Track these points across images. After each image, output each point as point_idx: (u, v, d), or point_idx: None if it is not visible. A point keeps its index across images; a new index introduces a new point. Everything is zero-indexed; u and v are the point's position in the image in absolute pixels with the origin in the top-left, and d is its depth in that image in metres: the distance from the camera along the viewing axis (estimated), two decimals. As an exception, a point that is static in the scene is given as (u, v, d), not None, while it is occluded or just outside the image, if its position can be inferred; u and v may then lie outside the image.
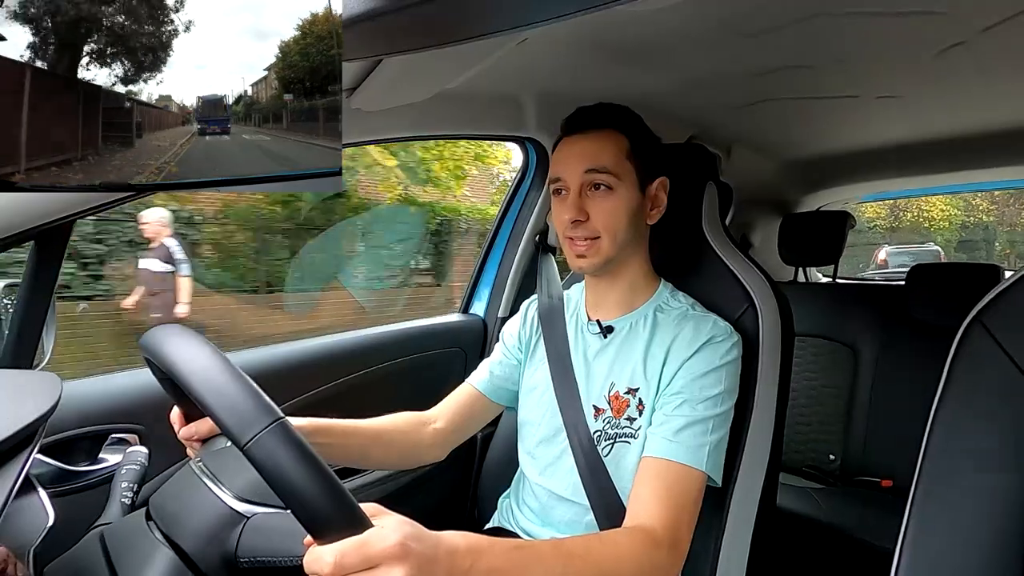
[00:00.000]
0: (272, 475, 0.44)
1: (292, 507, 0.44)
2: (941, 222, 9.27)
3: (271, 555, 0.55)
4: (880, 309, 1.75)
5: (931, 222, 9.30)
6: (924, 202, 9.16)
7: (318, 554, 0.44)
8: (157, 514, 0.60)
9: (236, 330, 4.57)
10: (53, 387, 0.57)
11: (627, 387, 0.84)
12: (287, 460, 0.44)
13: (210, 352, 0.52)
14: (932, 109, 1.41)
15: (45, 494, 0.63)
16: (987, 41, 0.94)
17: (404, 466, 1.00)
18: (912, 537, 0.62)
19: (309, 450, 0.45)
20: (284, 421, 0.46)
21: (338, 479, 0.45)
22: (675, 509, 0.72)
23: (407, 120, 1.06)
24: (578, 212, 0.81)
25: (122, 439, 0.90)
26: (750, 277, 0.92)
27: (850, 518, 1.47)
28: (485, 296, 1.45)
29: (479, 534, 0.58)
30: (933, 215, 9.10)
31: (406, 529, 0.48)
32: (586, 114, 0.85)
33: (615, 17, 0.84)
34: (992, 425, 0.61)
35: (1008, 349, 0.61)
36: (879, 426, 1.67)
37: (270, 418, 0.45)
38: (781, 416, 0.88)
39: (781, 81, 1.17)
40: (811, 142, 1.76)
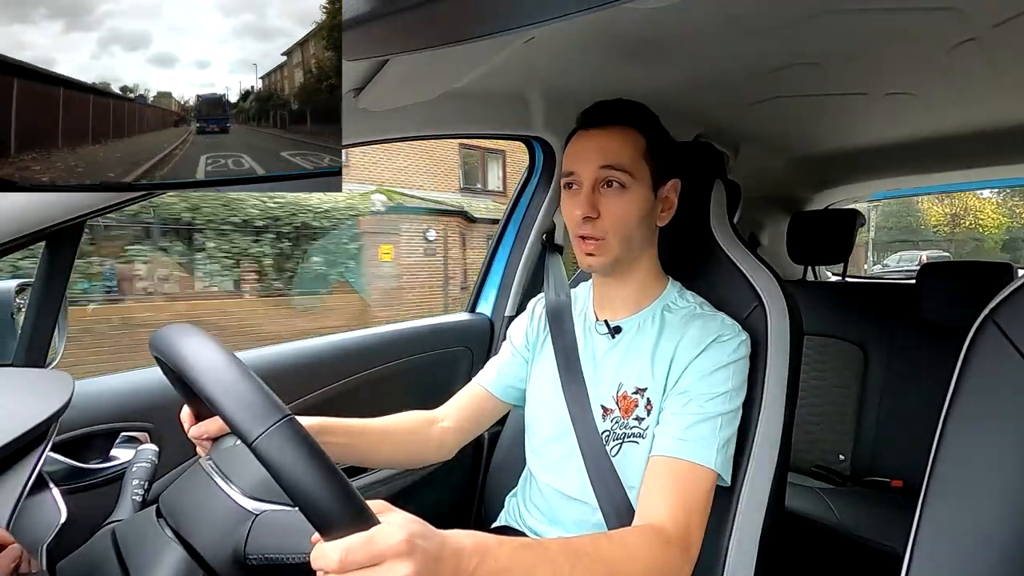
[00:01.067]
0: (279, 472, 0.44)
1: (299, 503, 0.44)
2: (993, 228, 11.44)
3: (280, 552, 0.56)
4: (890, 308, 1.73)
5: (983, 228, 11.49)
6: (979, 211, 11.47)
7: (324, 550, 0.44)
8: (168, 511, 0.61)
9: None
10: (65, 386, 0.57)
11: (635, 387, 0.83)
12: (294, 457, 0.44)
13: (219, 350, 0.52)
14: (943, 106, 1.39)
15: (57, 491, 0.63)
16: (999, 36, 0.93)
17: (411, 465, 1.00)
18: (923, 538, 0.61)
19: (316, 447, 0.45)
20: (292, 418, 0.46)
21: (345, 476, 0.45)
22: (686, 508, 0.71)
23: (414, 119, 1.06)
24: (590, 208, 0.81)
25: (133, 437, 0.91)
26: (759, 276, 0.91)
27: (860, 519, 1.46)
28: (492, 295, 1.45)
29: (486, 533, 0.58)
30: (985, 223, 11.36)
31: (412, 527, 0.48)
32: (605, 108, 0.84)
33: (622, 15, 0.83)
34: (1005, 425, 0.60)
35: (1021, 348, 0.60)
36: (889, 426, 1.66)
37: (278, 415, 0.46)
38: (790, 416, 0.87)
39: (789, 78, 1.16)
40: (820, 140, 1.75)
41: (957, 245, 10.75)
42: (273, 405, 0.47)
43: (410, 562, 0.46)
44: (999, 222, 11.65)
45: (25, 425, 0.51)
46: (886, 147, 1.77)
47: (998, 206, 11.52)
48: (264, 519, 0.58)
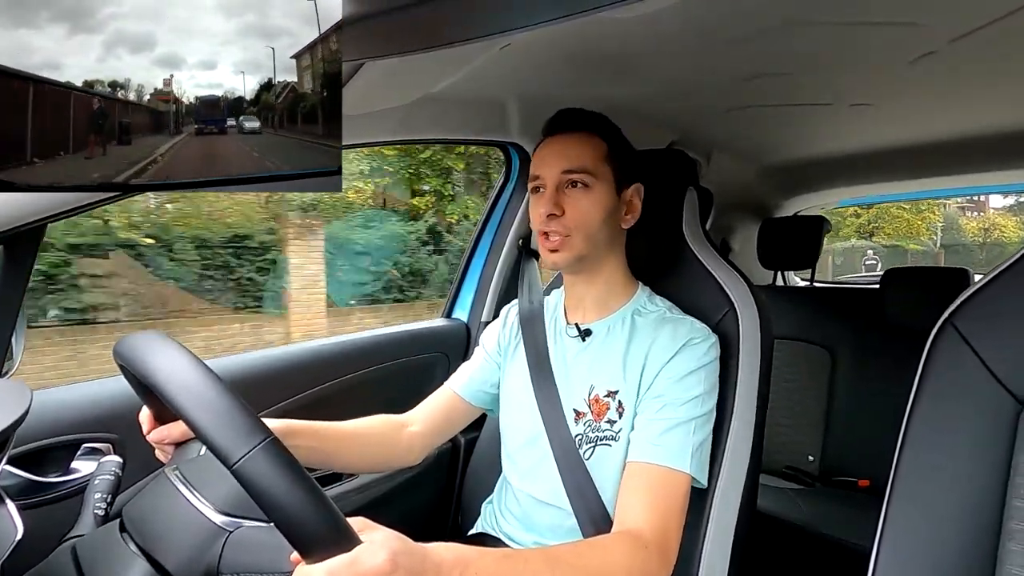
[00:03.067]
0: (261, 494, 0.43)
1: (280, 526, 0.44)
2: (1014, 238, 15.18)
3: (255, 570, 0.54)
4: (856, 312, 1.79)
5: (1006, 238, 15.28)
6: (1003, 227, 15.40)
7: (307, 572, 0.44)
8: (132, 525, 0.59)
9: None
10: (22, 396, 0.55)
11: (607, 390, 0.84)
12: (277, 479, 0.44)
13: (192, 363, 0.50)
14: (904, 117, 1.44)
15: (14, 506, 0.60)
16: (957, 51, 0.97)
17: (379, 469, 0.99)
18: (889, 535, 0.63)
19: (299, 468, 0.45)
20: (274, 439, 0.46)
21: (327, 496, 0.45)
22: (663, 513, 0.72)
23: (390, 124, 1.05)
24: (553, 206, 0.82)
25: (95, 448, 0.88)
26: (730, 281, 0.93)
27: (829, 518, 1.50)
28: (468, 301, 1.44)
29: (467, 544, 0.58)
30: (1008, 236, 15.17)
31: (394, 544, 0.49)
32: (567, 116, 0.88)
33: (596, 25, 0.84)
34: (965, 424, 0.62)
35: (978, 350, 0.62)
36: (857, 427, 1.71)
37: (260, 436, 0.45)
38: (761, 418, 0.89)
39: (759, 88, 1.19)
40: (788, 148, 1.80)
41: (987, 249, 14.72)
42: (254, 425, 0.46)
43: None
44: (1019, 234, 15.69)
45: (-21, 438, 0.49)
46: (851, 156, 1.83)
47: (1018, 222, 15.70)
48: (238, 536, 0.56)
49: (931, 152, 1.69)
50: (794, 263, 2.03)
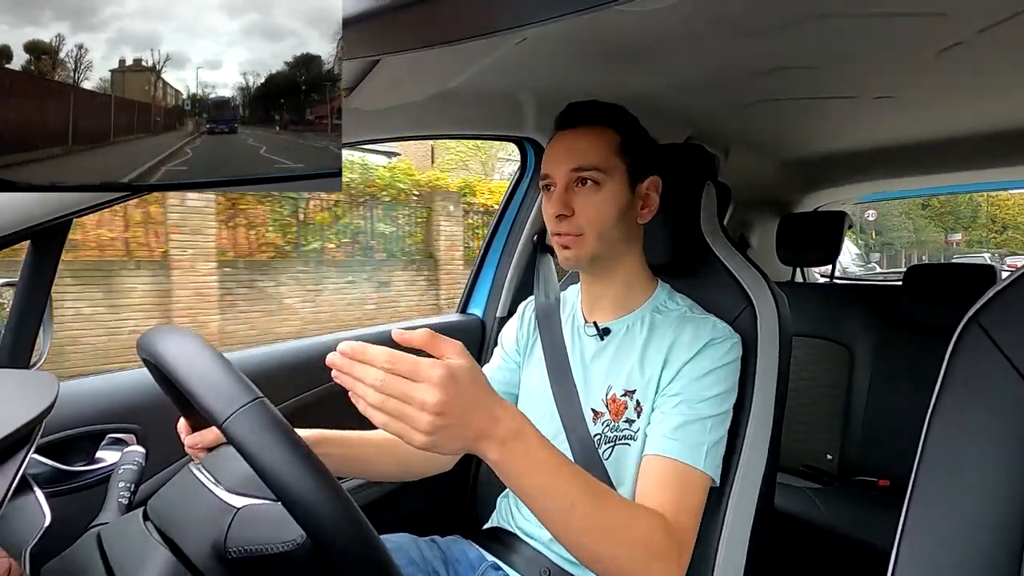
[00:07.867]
0: (250, 452, 0.45)
1: (269, 483, 0.45)
2: None
3: (258, 543, 0.55)
4: (877, 309, 1.75)
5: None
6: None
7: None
8: (155, 514, 0.60)
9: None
10: (50, 387, 0.56)
11: (624, 389, 0.83)
12: (265, 437, 0.45)
13: (196, 342, 0.54)
14: (930, 109, 1.41)
15: (42, 494, 0.62)
16: (985, 42, 0.94)
17: (409, 477, 0.95)
18: (909, 537, 0.62)
19: (287, 427, 0.47)
20: (262, 400, 0.48)
21: (316, 455, 0.47)
22: (681, 508, 0.71)
23: (406, 119, 1.05)
24: (563, 207, 0.81)
25: (119, 439, 0.90)
26: (748, 277, 0.92)
27: (848, 518, 1.48)
28: (483, 296, 1.44)
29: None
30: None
31: (463, 368, 0.53)
32: (576, 110, 0.85)
33: (613, 17, 0.83)
34: (989, 425, 0.61)
35: (1005, 350, 0.61)
36: (876, 426, 1.68)
37: (248, 396, 0.48)
38: (779, 416, 0.88)
39: (779, 81, 1.17)
40: (809, 142, 1.77)
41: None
42: (243, 387, 0.48)
43: (439, 391, 0.50)
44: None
45: (8, 427, 0.50)
46: (874, 150, 1.79)
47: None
48: (245, 512, 0.57)
49: (959, 145, 1.65)
50: (814, 259, 2.00)
